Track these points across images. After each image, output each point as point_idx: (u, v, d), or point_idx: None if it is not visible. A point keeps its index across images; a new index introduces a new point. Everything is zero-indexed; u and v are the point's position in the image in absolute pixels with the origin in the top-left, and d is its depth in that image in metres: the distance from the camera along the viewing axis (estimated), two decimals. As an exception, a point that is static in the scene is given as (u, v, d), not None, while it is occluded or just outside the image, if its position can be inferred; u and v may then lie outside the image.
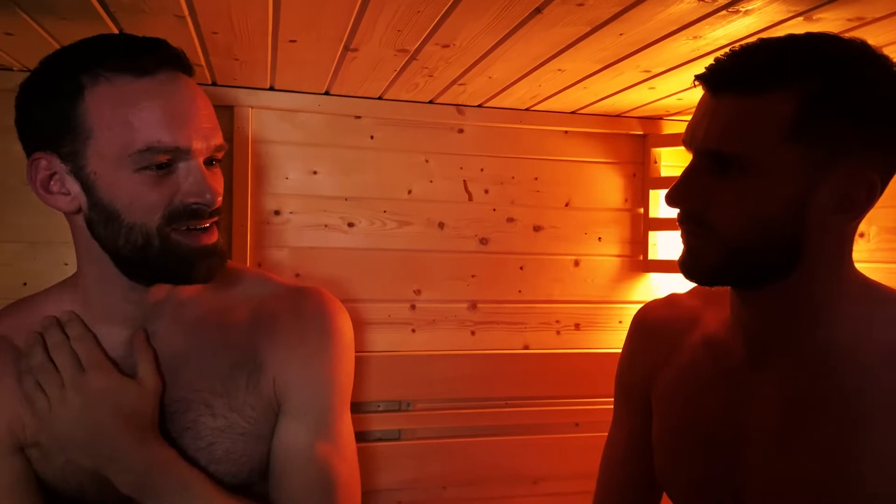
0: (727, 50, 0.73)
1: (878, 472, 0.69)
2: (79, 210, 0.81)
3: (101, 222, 0.80)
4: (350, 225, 1.60)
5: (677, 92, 1.43)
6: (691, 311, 0.92)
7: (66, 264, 1.40)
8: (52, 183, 0.80)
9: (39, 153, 0.79)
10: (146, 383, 0.84)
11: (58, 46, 1.15)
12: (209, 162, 0.82)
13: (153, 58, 0.77)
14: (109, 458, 0.81)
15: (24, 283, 1.39)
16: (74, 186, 0.79)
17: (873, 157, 0.70)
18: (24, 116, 0.80)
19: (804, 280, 0.74)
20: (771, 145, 0.69)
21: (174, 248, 0.79)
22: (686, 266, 0.77)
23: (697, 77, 0.74)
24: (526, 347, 1.70)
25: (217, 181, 0.83)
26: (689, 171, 0.75)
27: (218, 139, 0.82)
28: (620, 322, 1.75)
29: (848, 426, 0.71)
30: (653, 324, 0.97)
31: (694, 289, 0.95)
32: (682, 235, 0.78)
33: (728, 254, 0.74)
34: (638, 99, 1.50)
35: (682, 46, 1.11)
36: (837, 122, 0.68)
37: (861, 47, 0.71)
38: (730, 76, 0.71)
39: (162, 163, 0.77)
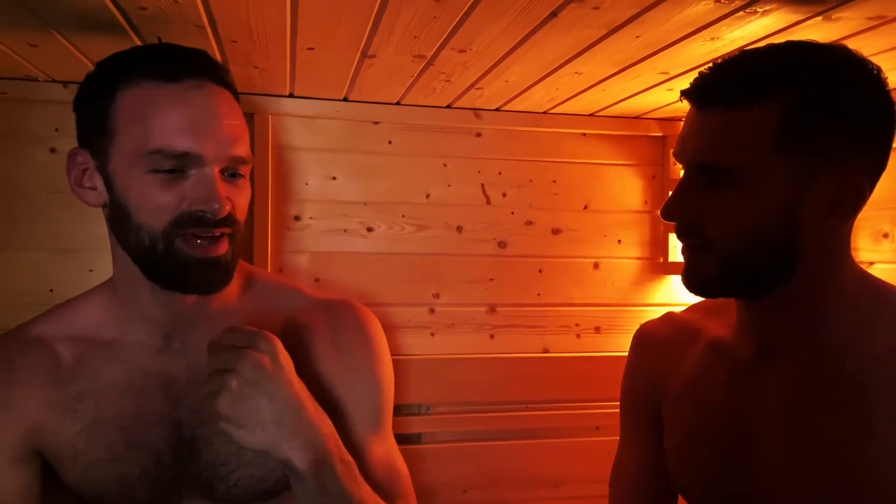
0: (710, 64, 0.75)
1: (887, 462, 0.69)
2: (104, 206, 0.84)
3: (117, 220, 0.82)
4: (369, 229, 1.61)
5: (696, 93, 1.42)
6: (691, 324, 0.93)
7: (91, 271, 1.43)
8: (84, 178, 0.83)
9: (78, 149, 0.83)
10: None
11: (81, 57, 1.19)
12: (230, 174, 0.82)
13: (182, 66, 0.80)
14: (293, 433, 0.77)
15: (51, 290, 1.42)
16: (100, 183, 0.82)
17: (859, 161, 0.71)
18: (76, 114, 0.85)
19: (804, 281, 0.74)
20: (758, 156, 0.70)
21: (176, 254, 0.80)
22: (688, 280, 0.79)
23: (683, 93, 0.76)
24: (545, 351, 1.69)
25: (236, 193, 0.82)
26: (681, 185, 0.77)
27: (238, 151, 0.81)
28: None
29: (856, 419, 0.72)
30: (654, 340, 0.97)
31: (692, 305, 0.97)
32: (682, 250, 0.80)
33: (724, 264, 0.75)
34: (656, 100, 1.50)
35: (699, 48, 1.10)
36: (822, 129, 0.69)
37: (841, 52, 0.72)
38: (714, 91, 0.73)
39: (172, 167, 0.78)
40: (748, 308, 0.81)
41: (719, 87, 0.73)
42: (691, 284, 0.78)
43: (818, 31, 1.01)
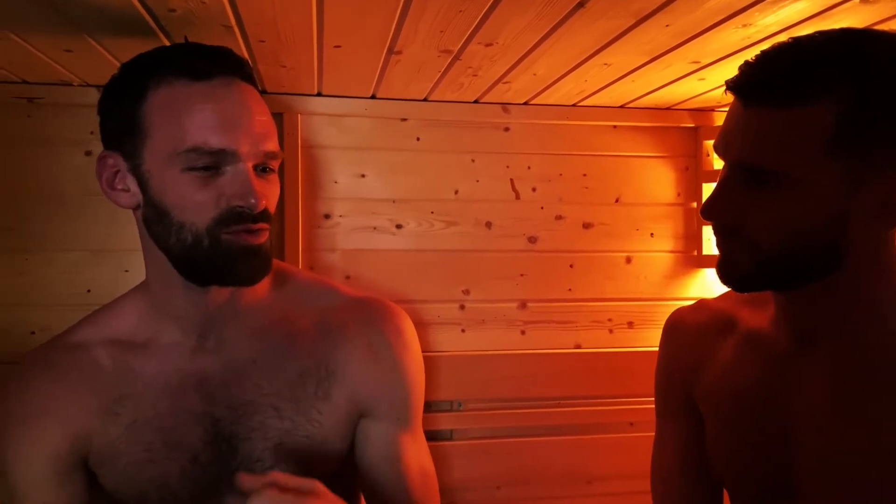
0: (758, 52, 0.70)
1: None
2: (138, 207, 0.84)
3: (154, 220, 0.83)
4: (398, 226, 1.61)
5: (728, 83, 1.39)
6: (724, 313, 0.91)
7: (127, 271, 1.45)
8: (116, 180, 0.84)
9: (107, 152, 0.84)
10: None
11: (114, 61, 1.21)
12: (262, 169, 0.83)
13: (211, 63, 0.80)
14: None
15: (88, 291, 1.44)
16: (133, 184, 0.83)
17: None
18: (101, 117, 0.85)
19: (847, 277, 0.72)
20: (809, 161, 0.66)
21: (221, 249, 0.81)
22: (723, 273, 0.76)
23: (728, 86, 0.71)
24: (577, 347, 1.68)
25: (268, 188, 0.84)
26: (722, 184, 0.73)
27: (270, 146, 0.82)
28: (675, 319, 1.71)
29: None
30: (686, 328, 0.95)
31: (724, 294, 0.93)
32: (717, 243, 0.77)
33: (764, 263, 0.72)
34: (688, 90, 1.47)
35: (731, 35, 1.08)
36: (879, 132, 0.65)
37: None
38: (762, 87, 0.68)
39: (208, 164, 0.79)
40: (788, 299, 0.79)
41: (768, 83, 0.67)
42: (727, 278, 0.76)
43: (855, 14, 0.98)
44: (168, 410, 0.87)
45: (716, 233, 0.76)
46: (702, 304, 0.97)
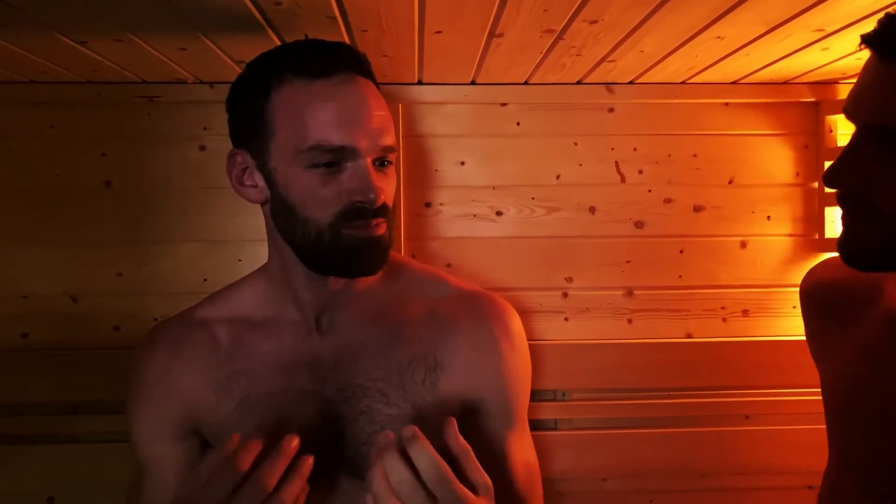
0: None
1: None
2: (265, 202, 0.88)
3: (280, 215, 0.86)
4: (498, 213, 1.59)
5: (855, 51, 1.28)
6: (871, 279, 0.82)
7: (240, 260, 1.51)
8: (244, 177, 0.88)
9: (236, 149, 0.88)
10: None
11: (225, 58, 1.25)
12: (380, 162, 0.85)
13: (330, 61, 0.82)
14: None
15: (205, 280, 1.51)
16: (260, 180, 0.87)
17: None
18: (229, 115, 0.89)
19: None
20: None
21: (343, 242, 0.83)
22: (844, 251, 0.71)
23: (864, 39, 0.66)
24: (688, 336, 1.61)
25: (386, 182, 0.85)
26: (851, 147, 0.67)
27: (387, 140, 0.84)
28: (794, 307, 1.61)
29: None
30: (824, 287, 0.88)
31: None
32: (842, 217, 0.71)
33: (891, 238, 0.66)
34: (809, 62, 1.37)
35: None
36: None
37: None
38: None
39: (330, 161, 0.81)
40: None
41: None
42: (849, 254, 0.70)
43: None
44: (280, 388, 0.91)
45: (839, 202, 0.71)
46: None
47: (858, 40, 1.17)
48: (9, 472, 1.46)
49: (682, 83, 1.55)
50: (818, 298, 0.88)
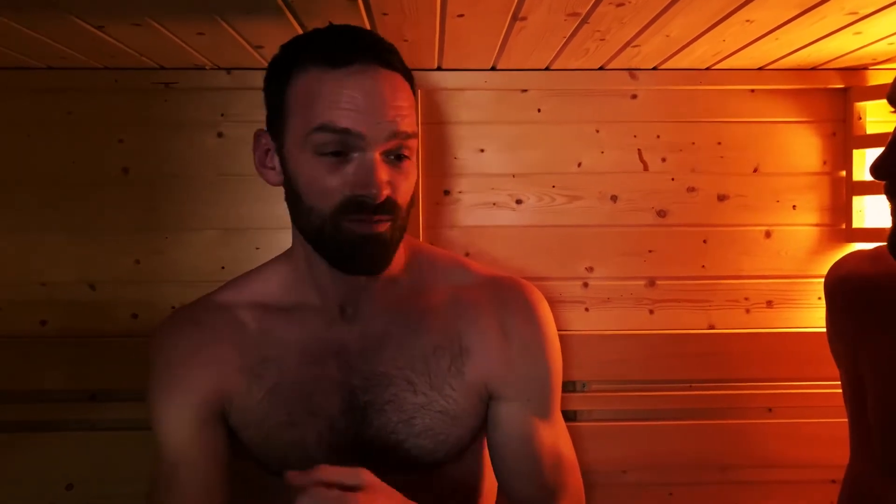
0: None
1: None
2: (281, 185, 0.87)
3: (291, 200, 0.86)
4: (518, 202, 1.57)
5: (889, 35, 1.25)
6: None
7: (258, 248, 1.50)
8: (267, 158, 0.87)
9: (262, 130, 0.88)
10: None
11: (243, 43, 1.24)
12: (395, 156, 0.82)
13: (348, 49, 0.81)
14: None
15: (223, 267, 1.51)
16: (277, 163, 0.86)
17: None
18: (264, 97, 0.88)
19: None
20: None
21: (343, 235, 0.81)
22: (894, 245, 0.68)
23: None
24: (711, 327, 1.58)
25: (398, 177, 0.82)
26: None
27: (401, 126, 0.81)
28: (819, 298, 1.58)
29: None
30: (854, 282, 0.84)
31: None
32: (892, 211, 0.69)
33: None
34: (839, 47, 1.33)
35: (902, -22, 0.96)
36: None
37: None
38: None
39: (337, 149, 0.79)
40: None
41: None
42: None
43: None
44: (309, 376, 0.89)
45: (887, 194, 0.69)
46: (874, 253, 0.85)
47: (894, 22, 1.15)
48: (28, 459, 1.46)
49: (706, 69, 1.52)
50: (846, 291, 0.85)
